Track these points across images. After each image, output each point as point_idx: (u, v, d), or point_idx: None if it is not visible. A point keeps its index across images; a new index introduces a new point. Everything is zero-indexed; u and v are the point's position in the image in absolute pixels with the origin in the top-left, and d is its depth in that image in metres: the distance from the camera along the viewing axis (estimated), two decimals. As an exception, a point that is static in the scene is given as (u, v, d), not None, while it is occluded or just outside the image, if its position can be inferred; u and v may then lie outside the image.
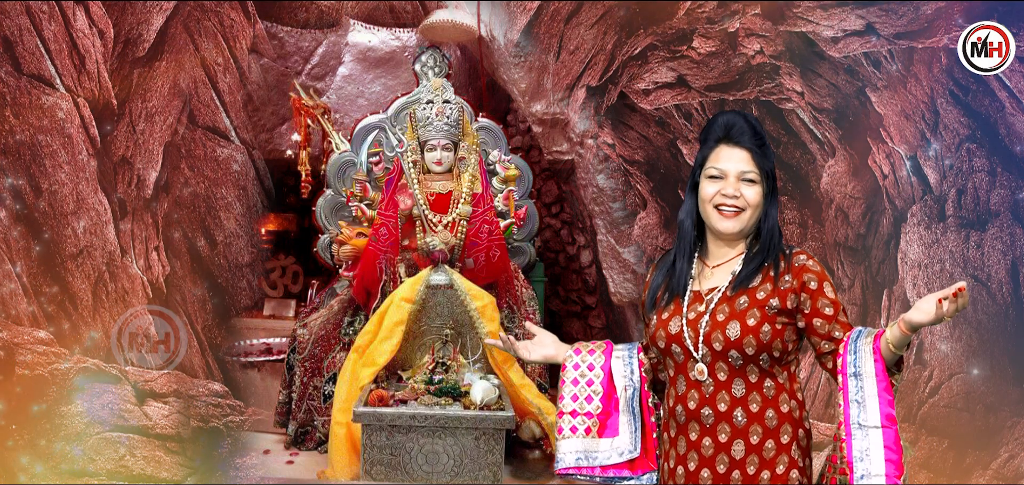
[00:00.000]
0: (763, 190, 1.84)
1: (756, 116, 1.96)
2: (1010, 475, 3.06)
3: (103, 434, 3.60)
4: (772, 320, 1.77)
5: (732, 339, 1.77)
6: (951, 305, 1.53)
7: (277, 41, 5.68)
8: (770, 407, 1.77)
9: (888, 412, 1.65)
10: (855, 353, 1.70)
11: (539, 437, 3.63)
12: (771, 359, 1.78)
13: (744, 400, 1.78)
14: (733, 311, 1.79)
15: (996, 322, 3.21)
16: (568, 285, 5.92)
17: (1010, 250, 3.18)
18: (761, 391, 1.78)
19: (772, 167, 1.86)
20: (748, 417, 1.77)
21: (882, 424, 1.65)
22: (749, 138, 1.83)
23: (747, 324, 1.77)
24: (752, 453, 1.76)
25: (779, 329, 1.77)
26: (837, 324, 1.76)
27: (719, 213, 1.84)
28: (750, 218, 1.84)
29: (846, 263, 3.95)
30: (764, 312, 1.77)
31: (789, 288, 1.78)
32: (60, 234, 3.76)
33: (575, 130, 5.07)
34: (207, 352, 4.69)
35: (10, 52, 3.57)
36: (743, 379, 1.78)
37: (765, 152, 1.84)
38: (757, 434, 1.77)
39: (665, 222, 5.19)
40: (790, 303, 1.77)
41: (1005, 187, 3.20)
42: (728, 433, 1.78)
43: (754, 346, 1.76)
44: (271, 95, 5.67)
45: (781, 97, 4.06)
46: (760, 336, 1.76)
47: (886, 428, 1.64)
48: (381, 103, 5.18)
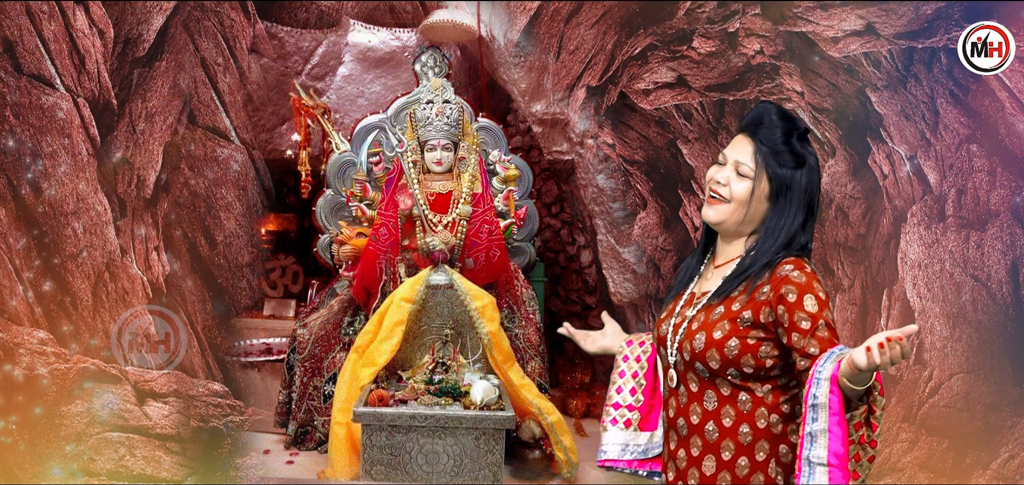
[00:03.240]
0: (764, 192, 1.71)
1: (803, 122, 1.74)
2: (1010, 475, 3.06)
3: (103, 434, 3.60)
4: (743, 334, 1.64)
5: (696, 351, 1.68)
6: (885, 355, 1.37)
7: (277, 41, 5.68)
8: (745, 422, 1.66)
9: (837, 450, 1.49)
10: (818, 380, 1.53)
11: (539, 437, 3.63)
12: (741, 375, 1.65)
13: (716, 414, 1.68)
14: (706, 320, 1.69)
15: (996, 322, 3.20)
16: (568, 285, 5.92)
17: (1010, 250, 3.17)
18: (735, 405, 1.66)
19: (787, 176, 1.69)
20: (720, 431, 1.67)
21: (828, 462, 1.50)
22: (767, 133, 1.70)
23: (713, 336, 1.66)
24: (724, 469, 1.67)
25: (751, 344, 1.64)
26: (813, 339, 1.58)
27: (707, 201, 1.77)
28: (732, 212, 1.73)
29: (846, 263, 3.95)
30: (735, 324, 1.65)
31: (764, 300, 1.64)
32: (60, 234, 3.75)
33: (575, 130, 5.07)
34: (207, 352, 4.69)
35: (10, 52, 3.57)
36: (715, 392, 1.68)
37: (778, 155, 1.69)
38: (729, 450, 1.66)
39: (665, 222, 5.19)
40: (764, 316, 1.63)
41: (1005, 187, 3.19)
42: (700, 447, 1.70)
43: (717, 360, 1.65)
44: (271, 95, 5.67)
45: (781, 97, 4.06)
46: (725, 350, 1.64)
47: (832, 467, 1.49)
48: (381, 103, 5.19)
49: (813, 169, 1.71)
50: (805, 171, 1.70)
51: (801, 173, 1.69)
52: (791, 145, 1.70)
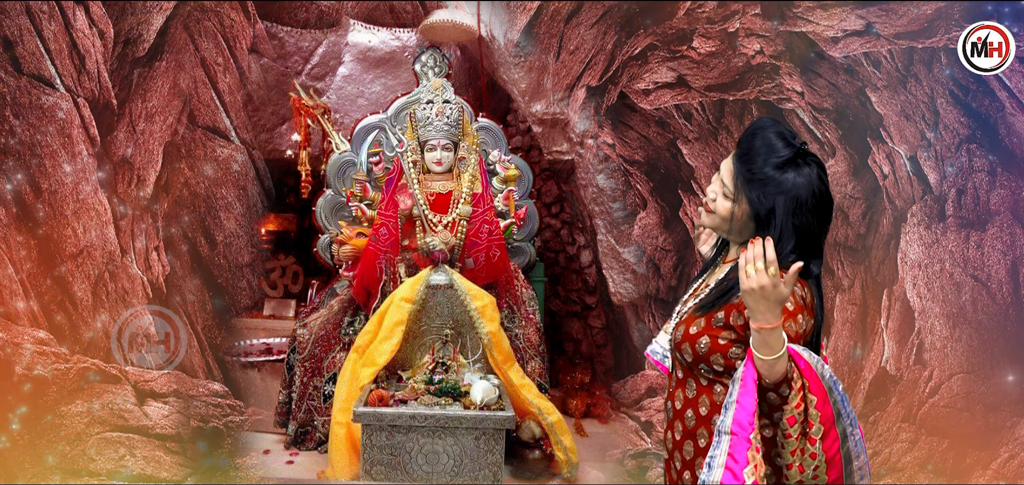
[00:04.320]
0: (746, 213, 1.71)
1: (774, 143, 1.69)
2: (1010, 475, 3.06)
3: (103, 434, 3.60)
4: (715, 333, 1.69)
5: (677, 341, 1.76)
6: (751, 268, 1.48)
7: (277, 41, 5.68)
8: (717, 413, 1.68)
9: (739, 419, 1.56)
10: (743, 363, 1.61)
11: (539, 437, 3.63)
12: (712, 371, 1.70)
13: (694, 402, 1.74)
14: (690, 315, 1.76)
15: (996, 322, 3.20)
16: (568, 285, 5.92)
17: (1010, 250, 3.18)
18: (711, 395, 1.71)
19: (766, 205, 1.67)
20: (697, 420, 1.73)
21: (731, 430, 1.56)
22: (749, 160, 1.69)
23: (689, 331, 1.72)
24: (699, 456, 1.72)
25: (721, 344, 1.68)
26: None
27: (703, 207, 1.84)
28: (718, 225, 1.79)
29: (846, 263, 3.95)
30: (709, 323, 1.70)
31: (736, 303, 1.66)
32: (60, 234, 3.75)
33: (575, 130, 5.07)
34: (207, 352, 4.69)
35: (10, 52, 3.57)
36: (694, 381, 1.74)
37: (759, 186, 1.67)
38: (704, 437, 1.71)
39: (665, 222, 5.19)
40: (734, 319, 1.66)
41: (1005, 187, 3.19)
42: (681, 433, 1.77)
43: (690, 354, 1.71)
44: (271, 95, 5.67)
45: (781, 97, 4.06)
46: (696, 346, 1.70)
47: (734, 435, 1.56)
48: (381, 103, 5.19)
49: (795, 197, 1.66)
50: (785, 199, 1.66)
51: (781, 199, 1.66)
52: (768, 174, 1.67)
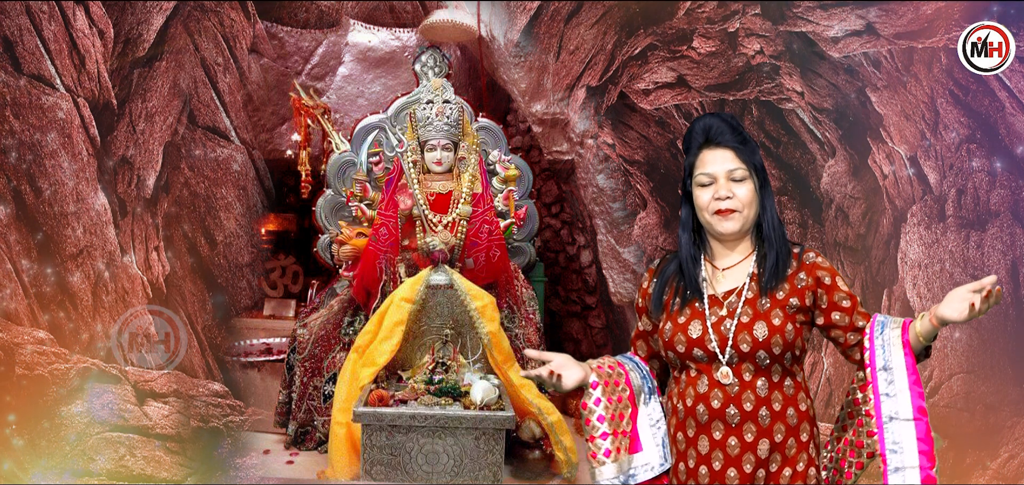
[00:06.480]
0: (754, 185, 1.86)
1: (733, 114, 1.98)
2: (1010, 475, 3.06)
3: (103, 434, 3.60)
4: (793, 318, 1.80)
5: (760, 340, 1.79)
6: (984, 304, 1.56)
7: (277, 41, 5.68)
8: (790, 405, 1.81)
9: (919, 404, 1.69)
10: (884, 346, 1.74)
11: (539, 437, 3.63)
12: (793, 358, 1.82)
13: (768, 399, 1.81)
14: (756, 313, 1.82)
15: (996, 322, 3.20)
16: (568, 285, 5.92)
17: (1010, 250, 3.18)
18: (782, 390, 1.81)
19: (759, 161, 1.87)
20: (772, 416, 1.80)
21: (914, 417, 1.69)
22: (730, 137, 1.85)
23: (773, 324, 1.80)
24: (776, 451, 1.80)
25: (799, 327, 1.81)
26: (858, 314, 1.81)
27: (720, 216, 1.86)
28: (748, 216, 1.86)
29: (846, 263, 3.95)
30: (785, 312, 1.81)
31: (805, 286, 1.82)
32: (60, 234, 3.75)
33: (575, 130, 5.07)
34: (207, 352, 4.69)
35: (10, 52, 3.57)
36: (767, 378, 1.81)
37: (749, 147, 1.86)
38: (780, 432, 1.80)
39: (665, 222, 5.19)
40: (808, 301, 1.82)
41: (1005, 187, 3.19)
42: (754, 432, 1.80)
43: (780, 345, 1.79)
44: (271, 95, 5.68)
45: (781, 97, 4.06)
46: (785, 335, 1.79)
47: (918, 420, 1.69)
48: (381, 103, 5.19)
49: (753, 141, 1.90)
50: (757, 151, 1.88)
51: (758, 154, 1.88)
52: (743, 137, 1.87)
